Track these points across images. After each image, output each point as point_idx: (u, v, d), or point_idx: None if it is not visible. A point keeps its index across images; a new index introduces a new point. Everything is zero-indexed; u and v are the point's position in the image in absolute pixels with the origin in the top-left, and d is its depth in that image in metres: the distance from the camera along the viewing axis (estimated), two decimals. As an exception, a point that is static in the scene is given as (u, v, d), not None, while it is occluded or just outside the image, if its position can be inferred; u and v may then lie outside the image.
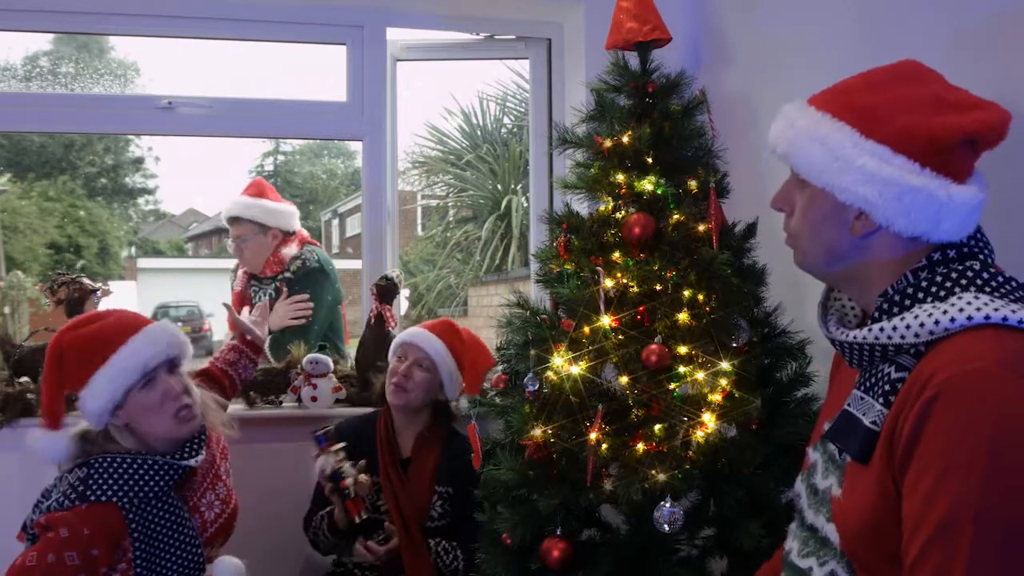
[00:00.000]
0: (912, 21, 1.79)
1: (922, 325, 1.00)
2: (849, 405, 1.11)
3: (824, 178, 1.09)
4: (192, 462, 1.84)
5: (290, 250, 2.97)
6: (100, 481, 1.74)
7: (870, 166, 1.05)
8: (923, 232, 1.05)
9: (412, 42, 2.97)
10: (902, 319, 1.03)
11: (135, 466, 1.77)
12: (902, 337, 1.02)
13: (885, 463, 1.00)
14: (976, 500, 0.89)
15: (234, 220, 2.98)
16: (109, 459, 1.77)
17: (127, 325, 1.83)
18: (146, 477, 1.77)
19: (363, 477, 2.13)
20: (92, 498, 1.72)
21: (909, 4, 1.81)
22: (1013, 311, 0.97)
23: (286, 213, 3.00)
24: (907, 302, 1.06)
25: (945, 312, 0.99)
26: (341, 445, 2.14)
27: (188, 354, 1.91)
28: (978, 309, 0.97)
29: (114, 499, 1.73)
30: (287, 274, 2.93)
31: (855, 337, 1.08)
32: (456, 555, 2.18)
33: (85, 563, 1.68)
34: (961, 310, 0.98)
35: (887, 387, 1.03)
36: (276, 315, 2.81)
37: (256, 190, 3.01)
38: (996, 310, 0.97)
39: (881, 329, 1.04)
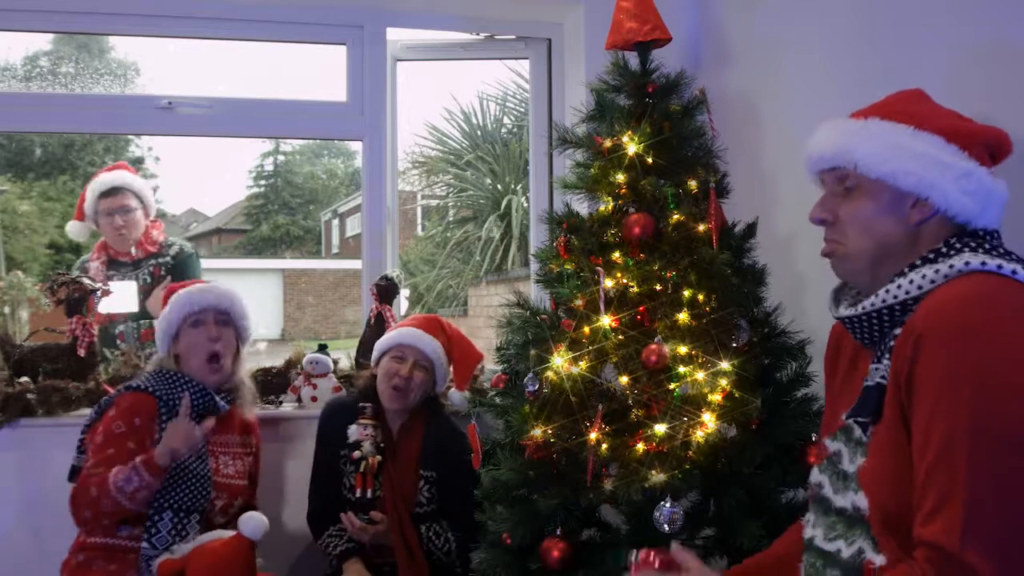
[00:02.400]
0: (912, 20, 1.79)
1: (923, 277, 1.08)
2: (867, 381, 1.15)
3: (887, 166, 1.14)
4: (220, 403, 2.13)
5: (160, 234, 2.95)
6: (144, 378, 2.12)
7: (931, 152, 1.12)
8: (972, 216, 1.12)
9: (412, 42, 2.97)
10: (904, 276, 1.10)
11: (174, 377, 2.11)
12: (907, 293, 1.08)
13: (896, 411, 1.06)
14: (967, 421, 0.96)
15: (116, 190, 2.88)
16: (158, 370, 2.15)
17: (200, 280, 2.29)
18: (181, 389, 2.08)
19: (374, 459, 2.18)
20: (134, 386, 2.09)
21: (909, 3, 1.81)
22: (1006, 263, 1.04)
23: (152, 197, 3.01)
24: (914, 268, 1.12)
25: (944, 263, 1.07)
26: (372, 424, 2.23)
27: (240, 314, 2.20)
28: (967, 262, 1.05)
29: (151, 390, 2.07)
30: (167, 259, 2.93)
31: (863, 307, 1.13)
32: (447, 537, 2.20)
33: (130, 430, 2.00)
34: (959, 260, 1.06)
35: (891, 343, 1.09)
36: (157, 300, 2.72)
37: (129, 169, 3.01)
38: (990, 260, 1.04)
39: (887, 291, 1.11)
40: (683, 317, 1.70)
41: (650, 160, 1.84)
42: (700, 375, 1.66)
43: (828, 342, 1.33)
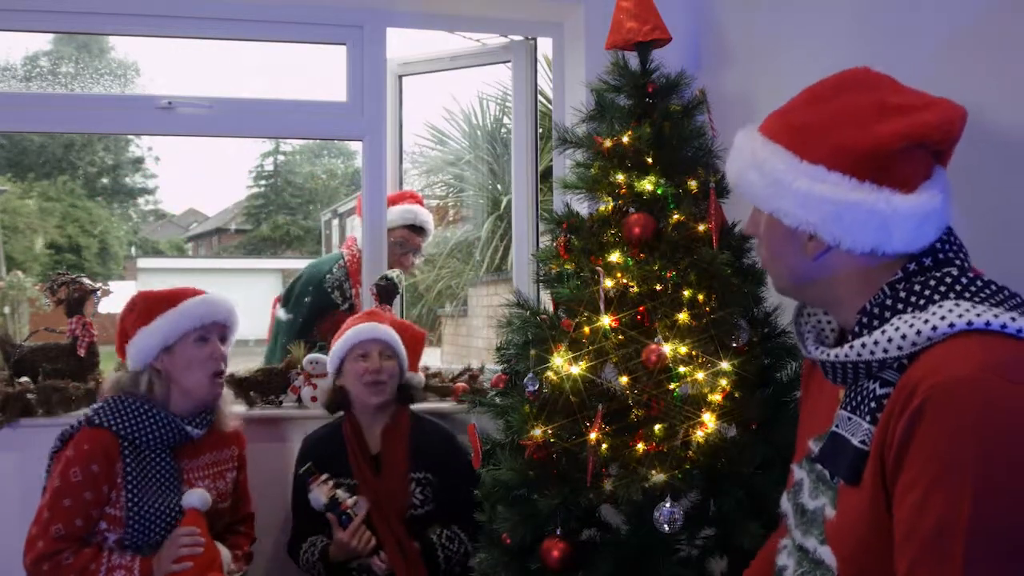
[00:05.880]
0: (911, 19, 1.79)
1: (904, 337, 0.97)
2: (838, 427, 1.07)
3: (768, 204, 1.09)
4: (192, 431, 2.02)
5: None
6: (105, 412, 1.96)
7: (804, 188, 1.04)
8: (876, 246, 1.02)
9: (412, 58, 3.08)
10: (883, 332, 1.00)
11: (141, 410, 1.97)
12: (884, 351, 0.98)
13: (877, 479, 0.98)
14: (968, 509, 0.86)
15: (421, 231, 3.12)
16: (121, 399, 1.99)
17: (197, 290, 2.11)
18: (146, 423, 1.96)
19: (359, 499, 2.15)
20: (96, 422, 1.95)
21: (908, 2, 1.81)
22: (996, 316, 0.94)
23: None
24: (886, 314, 1.02)
25: (926, 322, 0.96)
26: (325, 476, 2.16)
27: (236, 331, 2.14)
28: (960, 316, 0.94)
29: (112, 427, 1.94)
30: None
31: (836, 356, 1.04)
32: (461, 538, 2.19)
33: (87, 478, 1.88)
34: (943, 318, 0.95)
35: (872, 404, 1.00)
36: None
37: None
38: (979, 315, 0.94)
39: (863, 345, 1.01)
40: (683, 317, 1.70)
41: (650, 160, 1.85)
42: (700, 375, 1.66)
43: (804, 361, 1.29)
